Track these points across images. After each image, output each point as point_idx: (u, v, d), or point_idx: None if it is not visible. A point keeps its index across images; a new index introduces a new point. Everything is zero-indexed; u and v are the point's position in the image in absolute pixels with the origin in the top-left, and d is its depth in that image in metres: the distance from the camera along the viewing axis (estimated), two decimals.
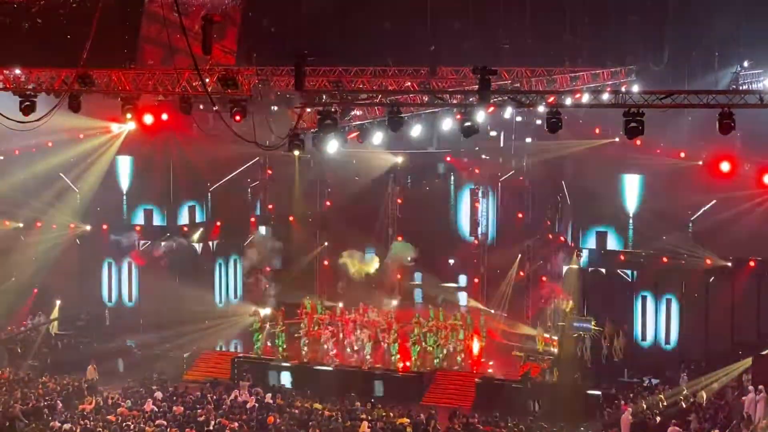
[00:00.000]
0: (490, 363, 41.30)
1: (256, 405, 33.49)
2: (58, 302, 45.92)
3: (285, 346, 42.21)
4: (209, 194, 47.43)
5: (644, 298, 39.68)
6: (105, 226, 46.83)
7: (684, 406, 33.36)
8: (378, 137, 32.22)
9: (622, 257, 40.09)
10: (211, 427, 30.56)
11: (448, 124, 31.73)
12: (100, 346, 42.43)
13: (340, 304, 46.11)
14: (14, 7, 34.40)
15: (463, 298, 50.20)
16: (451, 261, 51.26)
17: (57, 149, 46.03)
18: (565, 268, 41.10)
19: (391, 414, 32.72)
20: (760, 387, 32.82)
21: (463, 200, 51.38)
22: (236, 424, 30.70)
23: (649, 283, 39.63)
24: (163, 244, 45.67)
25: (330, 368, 39.63)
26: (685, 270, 39.01)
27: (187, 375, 40.73)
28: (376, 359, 40.94)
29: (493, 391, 37.31)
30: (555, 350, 40.01)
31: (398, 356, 40.78)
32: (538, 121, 42.44)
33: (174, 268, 46.07)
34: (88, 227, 47.17)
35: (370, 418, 31.76)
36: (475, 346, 41.48)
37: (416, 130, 31.42)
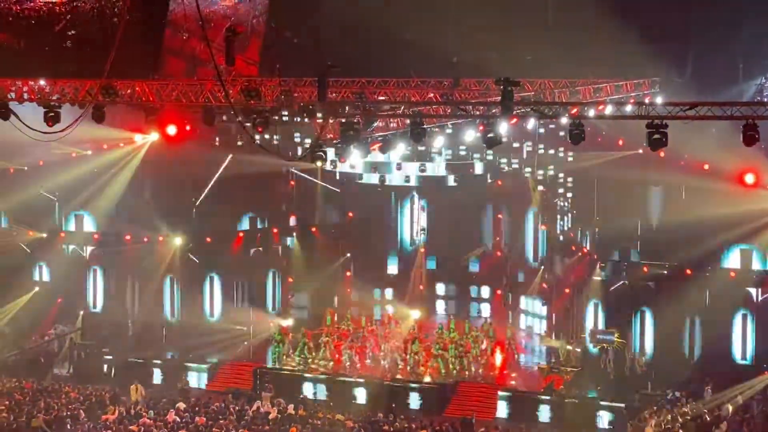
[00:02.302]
0: (513, 375, 41.16)
1: (279, 416, 33.52)
2: (81, 312, 46.04)
3: (308, 358, 42.11)
4: (231, 205, 47.38)
5: (668, 311, 39.40)
6: (128, 237, 46.84)
7: (708, 419, 33.18)
8: (400, 148, 32.21)
9: (645, 269, 39.86)
10: None
11: (470, 135, 31.66)
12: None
13: (364, 315, 46.07)
14: (33, 23, 34.67)
15: (486, 309, 50.13)
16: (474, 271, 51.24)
17: (81, 160, 46.26)
18: (588, 281, 40.88)
19: (413, 426, 32.66)
20: None
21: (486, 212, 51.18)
22: None
23: (672, 296, 39.35)
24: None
25: (352, 379, 39.53)
26: (708, 282, 38.78)
27: (210, 385, 40.71)
28: (399, 371, 40.81)
29: (516, 403, 37.14)
30: (578, 362, 39.85)
31: (421, 368, 40.65)
32: (561, 133, 42.32)
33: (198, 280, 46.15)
34: (112, 237, 47.23)
35: (392, 429, 31.71)
36: (498, 358, 41.36)
37: (438, 142, 31.39)
